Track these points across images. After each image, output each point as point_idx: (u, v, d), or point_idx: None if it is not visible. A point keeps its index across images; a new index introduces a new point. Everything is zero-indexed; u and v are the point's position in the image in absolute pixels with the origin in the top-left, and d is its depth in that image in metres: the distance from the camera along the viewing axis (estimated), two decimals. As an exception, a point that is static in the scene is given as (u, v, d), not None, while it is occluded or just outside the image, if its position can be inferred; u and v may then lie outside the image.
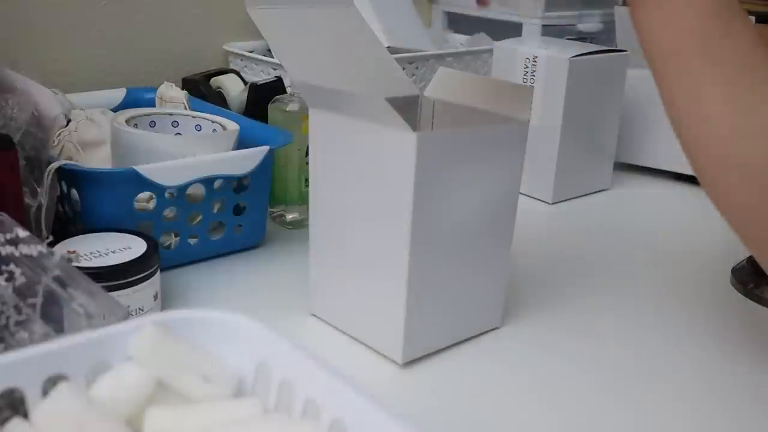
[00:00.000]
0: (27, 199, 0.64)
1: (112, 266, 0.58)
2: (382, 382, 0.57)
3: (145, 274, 0.60)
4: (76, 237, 0.62)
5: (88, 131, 0.79)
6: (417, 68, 1.08)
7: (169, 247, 0.71)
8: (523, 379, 0.59)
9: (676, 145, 0.55)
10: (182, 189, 0.69)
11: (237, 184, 0.74)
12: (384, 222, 0.57)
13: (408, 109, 0.67)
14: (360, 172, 0.58)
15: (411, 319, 0.57)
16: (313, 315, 0.65)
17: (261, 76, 1.04)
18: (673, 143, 0.56)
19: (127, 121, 0.74)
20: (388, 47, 0.83)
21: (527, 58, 0.93)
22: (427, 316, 0.59)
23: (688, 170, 0.60)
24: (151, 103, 0.90)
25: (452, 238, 0.58)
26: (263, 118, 0.83)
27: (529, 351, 0.62)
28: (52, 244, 0.61)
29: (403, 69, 0.90)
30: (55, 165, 0.65)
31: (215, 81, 0.99)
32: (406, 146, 0.54)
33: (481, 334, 0.63)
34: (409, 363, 0.59)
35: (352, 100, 0.57)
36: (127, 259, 0.59)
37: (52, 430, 0.33)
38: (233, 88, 0.98)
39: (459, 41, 1.30)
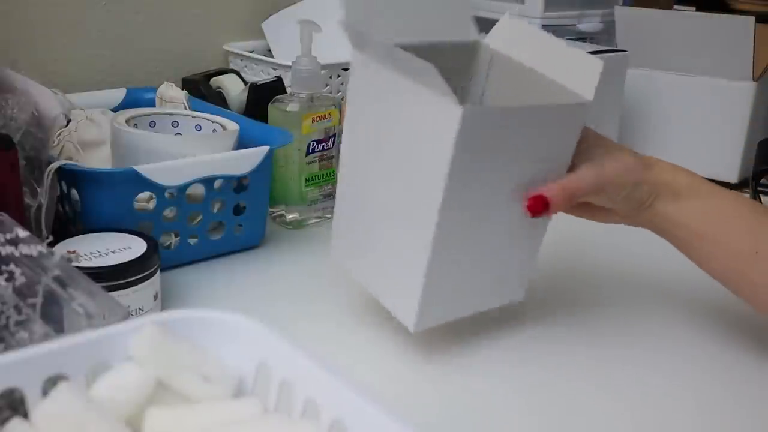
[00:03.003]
0: (27, 199, 0.63)
1: (112, 266, 0.58)
2: (382, 382, 0.57)
3: (145, 274, 0.60)
4: (76, 237, 0.62)
5: (88, 131, 0.79)
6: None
7: (169, 247, 0.71)
8: (522, 381, 0.59)
9: (676, 144, 0.55)
10: (182, 189, 0.69)
11: (237, 184, 0.74)
12: (416, 180, 0.52)
13: (458, 73, 0.60)
14: (395, 130, 0.54)
15: (430, 288, 0.54)
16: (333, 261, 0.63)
17: (261, 76, 1.04)
18: (672, 143, 0.56)
19: (127, 121, 0.74)
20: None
21: (527, 58, 0.93)
22: (447, 286, 0.55)
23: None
24: (151, 103, 0.90)
25: (486, 211, 0.54)
26: (263, 118, 0.83)
27: (530, 350, 0.62)
28: (52, 244, 0.61)
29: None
30: (55, 165, 0.65)
31: (215, 81, 0.98)
32: (448, 118, 0.48)
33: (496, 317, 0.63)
34: (409, 364, 0.59)
35: (400, 57, 0.51)
36: (127, 259, 0.59)
37: (52, 430, 0.33)
38: (233, 88, 0.97)
39: (459, 41, 1.29)
